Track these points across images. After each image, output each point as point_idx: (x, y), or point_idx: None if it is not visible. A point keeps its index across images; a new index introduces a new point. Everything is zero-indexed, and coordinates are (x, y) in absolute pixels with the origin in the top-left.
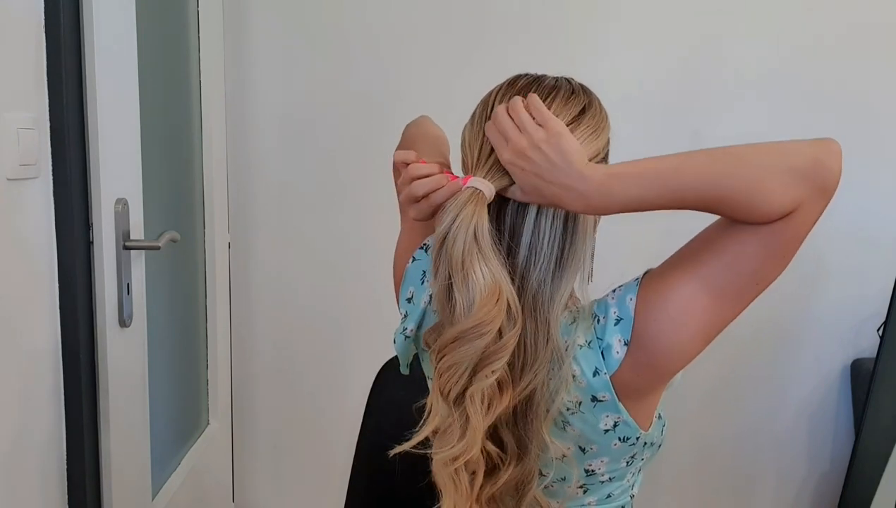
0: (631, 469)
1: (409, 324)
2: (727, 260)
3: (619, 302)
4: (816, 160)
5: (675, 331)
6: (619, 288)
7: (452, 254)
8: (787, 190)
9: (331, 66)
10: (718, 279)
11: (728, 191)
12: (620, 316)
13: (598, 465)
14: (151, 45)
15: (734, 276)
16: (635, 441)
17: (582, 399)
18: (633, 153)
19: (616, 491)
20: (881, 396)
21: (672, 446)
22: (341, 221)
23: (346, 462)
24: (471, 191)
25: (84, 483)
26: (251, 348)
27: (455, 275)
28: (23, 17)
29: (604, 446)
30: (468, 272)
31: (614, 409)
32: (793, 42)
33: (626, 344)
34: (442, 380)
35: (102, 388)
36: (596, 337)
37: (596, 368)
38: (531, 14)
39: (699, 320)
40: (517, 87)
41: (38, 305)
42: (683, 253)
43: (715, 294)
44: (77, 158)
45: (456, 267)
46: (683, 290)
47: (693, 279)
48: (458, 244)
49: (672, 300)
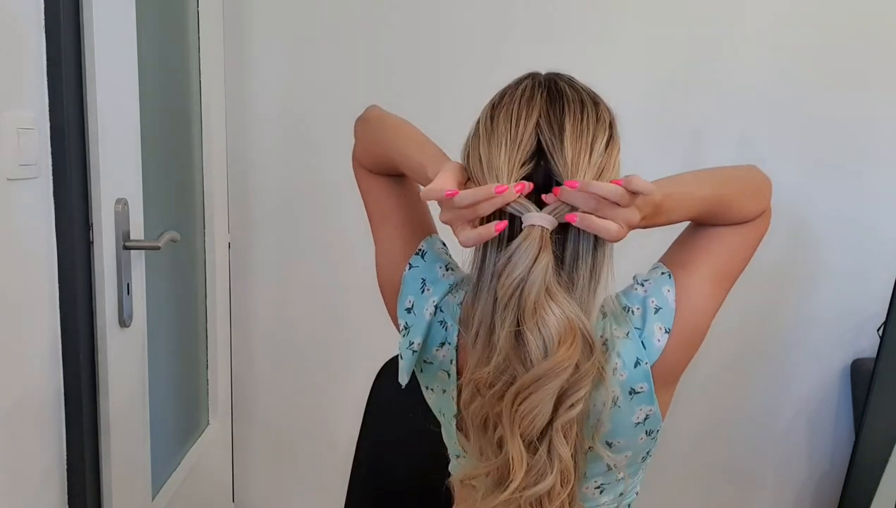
0: (643, 465)
1: (414, 338)
2: (731, 250)
3: (654, 293)
4: (767, 180)
5: (707, 308)
6: (645, 282)
7: (526, 302)
8: (759, 201)
9: (331, 66)
10: (727, 264)
11: (724, 209)
12: (660, 306)
13: (619, 460)
14: (151, 46)
15: (735, 261)
16: (655, 434)
17: (619, 393)
18: (634, 155)
19: (627, 490)
20: (881, 396)
21: (672, 446)
22: (341, 221)
23: (346, 462)
24: (539, 231)
25: (84, 483)
26: (251, 348)
27: (527, 321)
28: (23, 17)
29: (631, 440)
30: (541, 316)
31: (649, 400)
32: (791, 47)
33: (667, 331)
34: (524, 424)
35: (102, 388)
36: (634, 327)
37: (637, 358)
38: (532, 16)
39: (718, 297)
40: (535, 102)
41: (38, 305)
42: (689, 246)
43: (725, 276)
44: (77, 158)
45: (528, 313)
46: (706, 274)
47: (710, 265)
48: (532, 291)
49: (706, 280)
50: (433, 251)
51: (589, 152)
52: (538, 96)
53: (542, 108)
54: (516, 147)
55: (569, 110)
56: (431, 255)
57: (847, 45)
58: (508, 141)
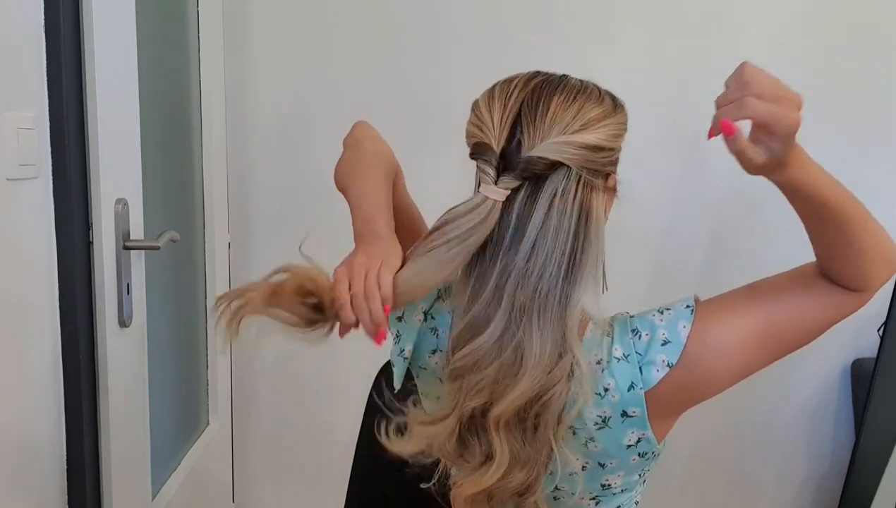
0: (640, 480)
1: (405, 346)
2: (797, 311)
3: (669, 325)
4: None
5: (725, 361)
6: (666, 311)
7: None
8: (886, 269)
9: (331, 66)
10: (782, 326)
11: (856, 237)
12: (669, 339)
13: (614, 480)
14: (151, 45)
15: (794, 327)
16: (651, 456)
17: (611, 414)
18: (634, 155)
19: (625, 502)
20: (881, 396)
21: (672, 446)
22: (341, 221)
23: (346, 462)
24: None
25: (84, 483)
26: (251, 348)
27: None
28: (23, 17)
29: (623, 461)
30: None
31: (641, 426)
32: (791, 47)
33: (669, 366)
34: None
35: (102, 388)
36: (636, 351)
37: (632, 382)
38: (532, 16)
39: (750, 356)
40: (532, 86)
41: (38, 305)
42: (748, 293)
43: (773, 338)
44: (77, 158)
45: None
46: (747, 326)
47: (759, 319)
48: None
49: (733, 332)
50: None
51: (575, 112)
52: (540, 76)
53: (541, 80)
54: (505, 107)
55: (567, 90)
56: None
57: (847, 45)
58: (500, 101)
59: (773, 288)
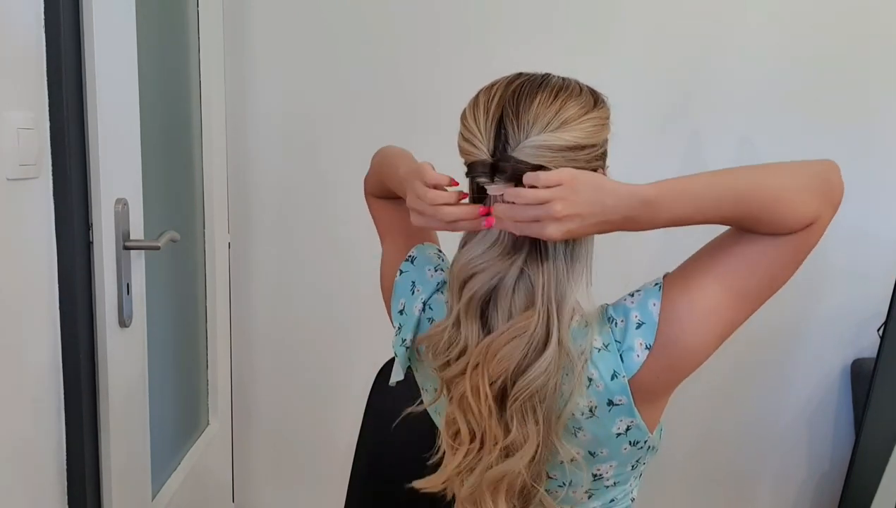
0: (634, 473)
1: (406, 335)
2: (749, 265)
3: (640, 306)
4: (827, 178)
5: (701, 330)
6: (636, 293)
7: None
8: (807, 205)
9: (331, 66)
10: (741, 281)
11: (756, 206)
12: (643, 320)
13: (605, 469)
14: (151, 45)
15: (755, 279)
16: (643, 445)
17: (597, 403)
18: (634, 155)
19: (619, 496)
20: (881, 396)
21: (672, 446)
22: (341, 221)
23: (346, 462)
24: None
25: (84, 483)
26: (251, 348)
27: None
28: (23, 17)
29: (614, 450)
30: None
31: (629, 413)
32: (791, 47)
33: (647, 348)
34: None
35: (102, 388)
36: (614, 339)
37: (614, 371)
38: (532, 17)
39: (722, 318)
40: (513, 87)
41: (38, 305)
42: (703, 258)
43: (737, 295)
44: (77, 158)
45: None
46: (709, 290)
47: (718, 280)
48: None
49: (699, 299)
50: (424, 256)
51: (555, 110)
52: (521, 77)
53: (521, 82)
54: (488, 113)
55: (545, 82)
56: (422, 259)
57: (847, 45)
58: (483, 107)
59: (727, 245)
